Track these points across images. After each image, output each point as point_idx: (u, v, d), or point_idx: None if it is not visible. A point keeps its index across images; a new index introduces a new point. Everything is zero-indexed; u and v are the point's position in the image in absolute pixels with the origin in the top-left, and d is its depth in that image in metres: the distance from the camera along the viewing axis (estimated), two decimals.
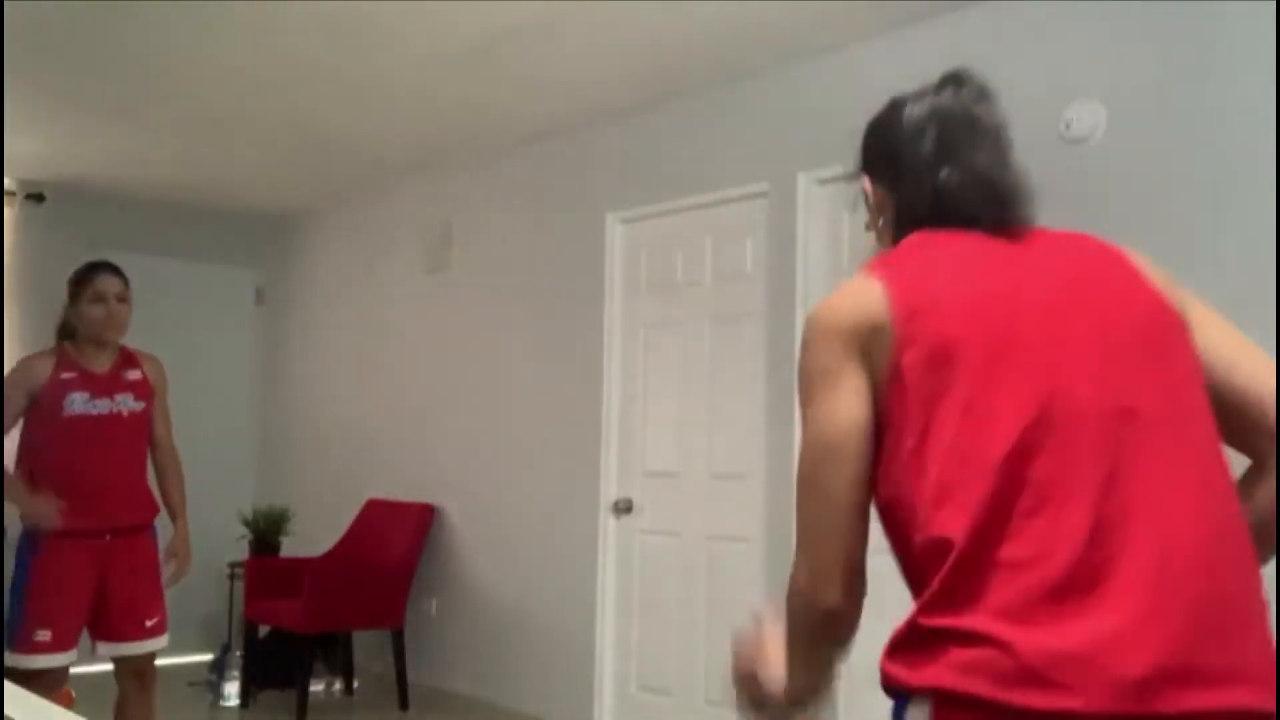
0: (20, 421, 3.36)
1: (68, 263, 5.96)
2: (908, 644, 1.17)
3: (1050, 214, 3.39)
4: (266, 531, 5.64)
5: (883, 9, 3.48)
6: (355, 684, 5.44)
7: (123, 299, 3.45)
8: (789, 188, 3.90)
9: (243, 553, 5.70)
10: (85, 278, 3.44)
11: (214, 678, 5.22)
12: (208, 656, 5.50)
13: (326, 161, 5.47)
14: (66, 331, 3.47)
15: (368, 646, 5.49)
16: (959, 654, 1.09)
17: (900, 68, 3.58)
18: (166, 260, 6.39)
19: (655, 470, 4.39)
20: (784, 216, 3.91)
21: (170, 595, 6.25)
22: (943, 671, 1.10)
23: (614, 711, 4.45)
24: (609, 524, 4.51)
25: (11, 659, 3.18)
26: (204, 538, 6.16)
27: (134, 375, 3.48)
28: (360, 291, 6.08)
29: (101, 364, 3.42)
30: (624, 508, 4.46)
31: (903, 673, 1.16)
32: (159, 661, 3.68)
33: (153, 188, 6.03)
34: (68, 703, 3.57)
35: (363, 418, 5.95)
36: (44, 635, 3.21)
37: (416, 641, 5.21)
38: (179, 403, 6.38)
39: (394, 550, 5.23)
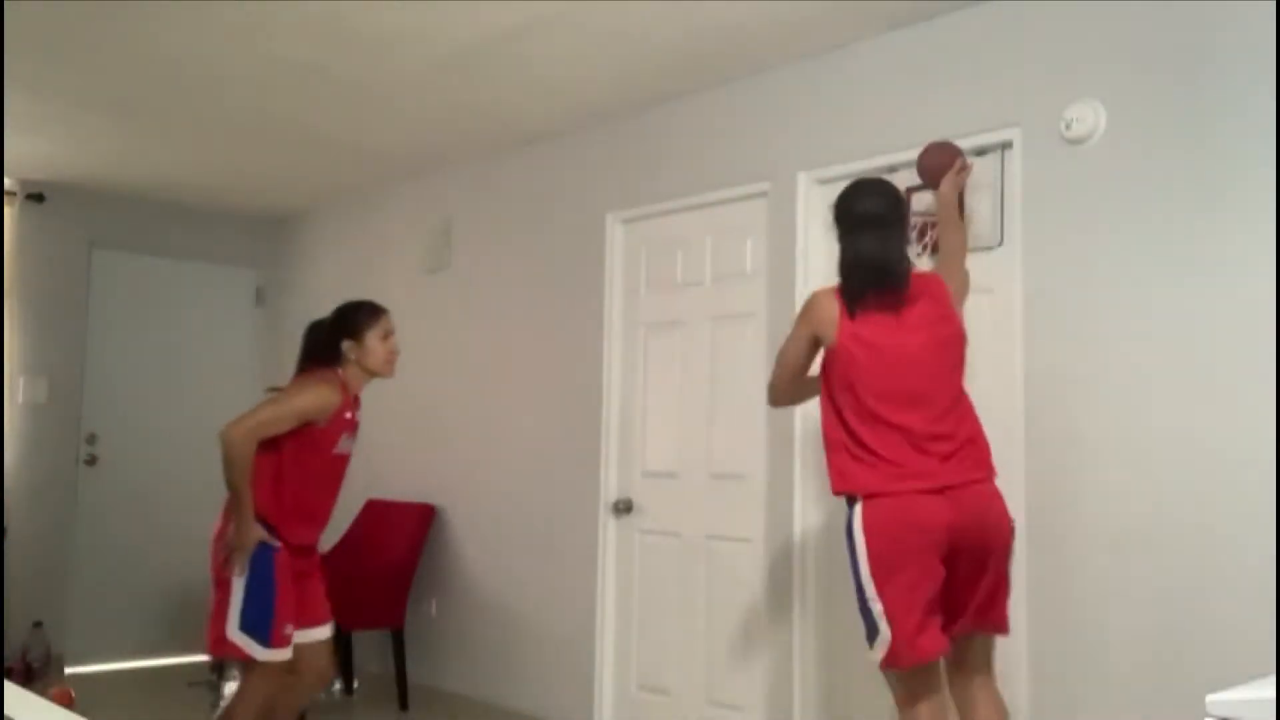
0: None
1: (68, 263, 6.04)
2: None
3: (1051, 214, 3.41)
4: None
5: (883, 9, 3.49)
6: (355, 684, 5.44)
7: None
8: (789, 188, 3.90)
9: None
10: (375, 312, 3.52)
11: (214, 678, 5.22)
12: (208, 656, 5.50)
13: (326, 161, 5.47)
14: (317, 355, 3.49)
15: (368, 646, 5.49)
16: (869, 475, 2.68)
17: (900, 68, 3.60)
18: (166, 260, 6.40)
19: (655, 470, 4.39)
20: (784, 216, 3.92)
21: (170, 595, 6.28)
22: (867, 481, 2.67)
23: (614, 711, 4.46)
24: (609, 524, 4.51)
25: (267, 654, 3.27)
26: (204, 538, 6.20)
27: (359, 416, 3.55)
28: (360, 291, 6.00)
29: (357, 402, 3.50)
30: (624, 508, 4.46)
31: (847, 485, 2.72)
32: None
33: (153, 188, 6.04)
34: (68, 702, 3.57)
35: (362, 417, 5.94)
36: (290, 630, 3.33)
37: (416, 641, 5.21)
38: (179, 403, 6.42)
39: (394, 550, 5.23)
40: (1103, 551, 3.02)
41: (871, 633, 2.63)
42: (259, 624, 3.26)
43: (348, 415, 3.40)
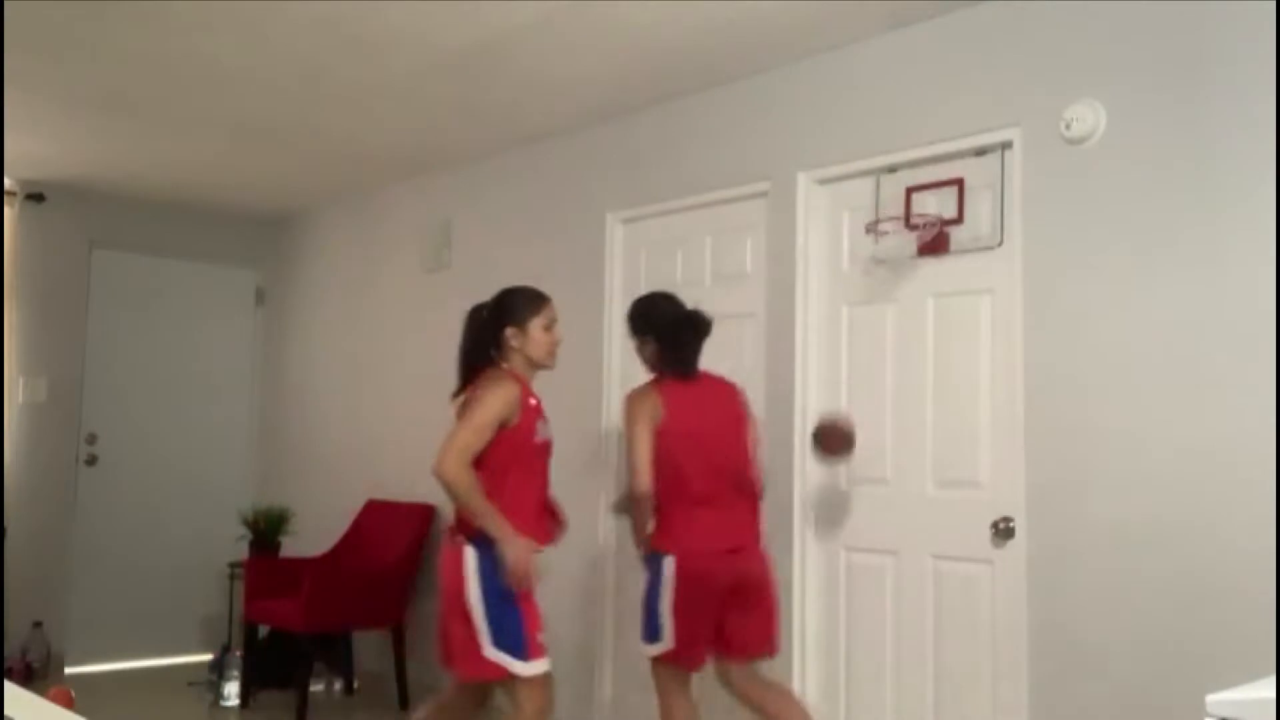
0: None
1: (68, 263, 6.04)
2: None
3: (1051, 214, 3.40)
4: (266, 531, 5.64)
5: (883, 9, 3.49)
6: (355, 684, 5.44)
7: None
8: (789, 188, 3.90)
9: (243, 553, 5.70)
10: (539, 301, 3.30)
11: (214, 678, 5.22)
12: (208, 656, 5.50)
13: (326, 161, 5.47)
14: (481, 353, 3.31)
15: (368, 646, 5.49)
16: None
17: (900, 68, 3.61)
18: (166, 260, 6.41)
19: None
20: (784, 216, 3.92)
21: (170, 595, 6.27)
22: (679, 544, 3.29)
23: (614, 711, 4.45)
24: (609, 524, 4.51)
25: (527, 667, 3.07)
26: (204, 538, 6.22)
27: (540, 401, 3.35)
28: (360, 291, 6.08)
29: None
30: (624, 508, 4.45)
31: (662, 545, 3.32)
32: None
33: (153, 188, 6.04)
34: (67, 703, 3.57)
35: (363, 418, 5.95)
36: (542, 636, 3.14)
37: (416, 641, 5.21)
38: (179, 403, 6.42)
39: (394, 550, 5.23)
40: (1102, 551, 3.02)
41: (653, 636, 3.32)
42: (512, 639, 3.07)
43: (532, 401, 3.23)
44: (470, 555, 3.10)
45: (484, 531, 3.07)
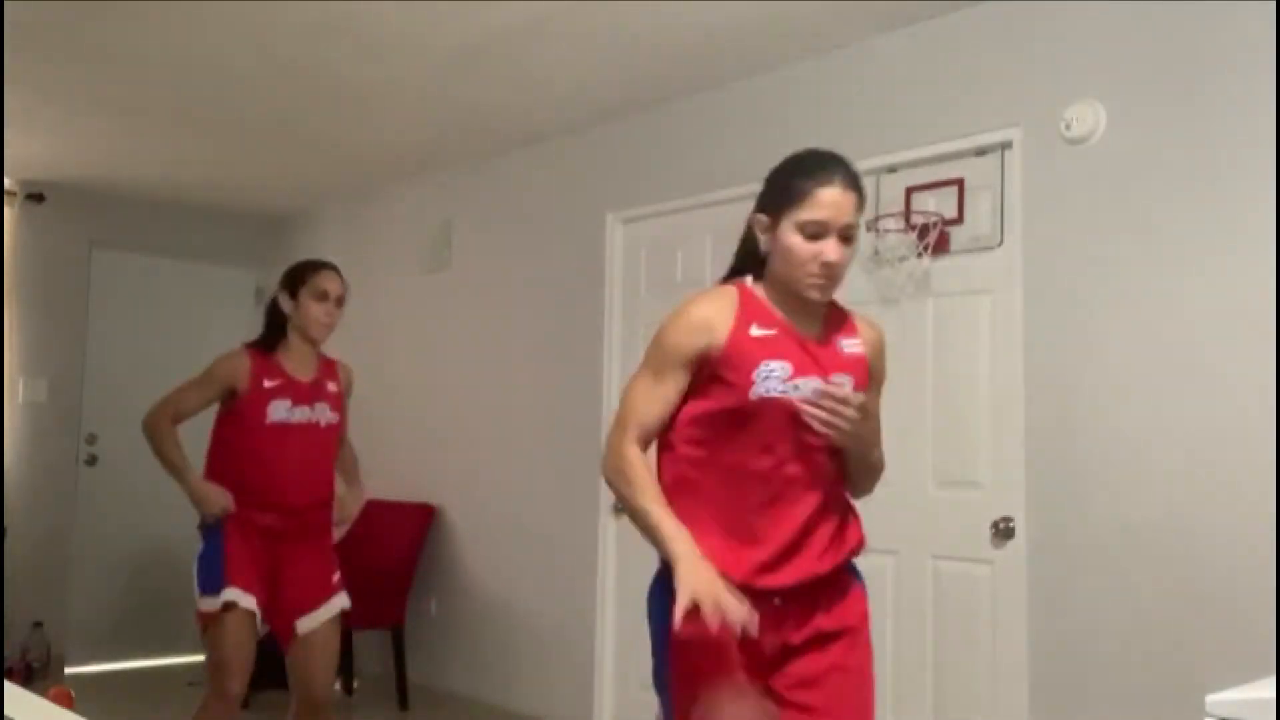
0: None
1: (68, 263, 6.04)
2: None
3: (1051, 214, 3.41)
4: None
5: (883, 9, 3.49)
6: (355, 684, 5.44)
7: (340, 303, 3.53)
8: None
9: None
10: (311, 271, 3.40)
11: None
12: None
13: (327, 161, 5.47)
14: (275, 324, 3.47)
15: (368, 646, 5.49)
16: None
17: (900, 68, 3.61)
18: (166, 260, 6.40)
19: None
20: None
21: (170, 595, 6.24)
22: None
23: (614, 711, 4.45)
24: (609, 524, 4.51)
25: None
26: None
27: (332, 387, 3.55)
28: (359, 292, 6.05)
29: (305, 369, 3.45)
30: (624, 508, 4.45)
31: None
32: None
33: (153, 188, 6.04)
34: (67, 703, 3.57)
35: (362, 418, 5.92)
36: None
37: (416, 641, 5.21)
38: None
39: (394, 550, 5.23)
40: (1102, 550, 3.02)
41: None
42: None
43: (269, 384, 3.51)
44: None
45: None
